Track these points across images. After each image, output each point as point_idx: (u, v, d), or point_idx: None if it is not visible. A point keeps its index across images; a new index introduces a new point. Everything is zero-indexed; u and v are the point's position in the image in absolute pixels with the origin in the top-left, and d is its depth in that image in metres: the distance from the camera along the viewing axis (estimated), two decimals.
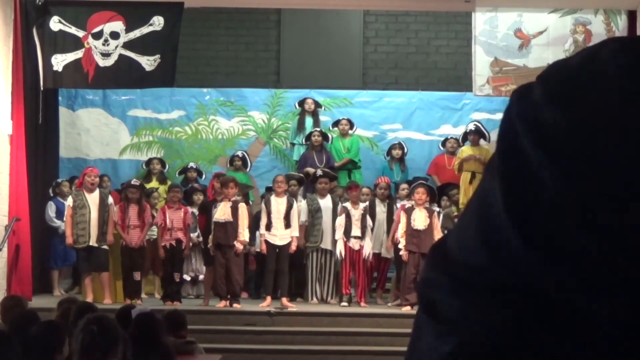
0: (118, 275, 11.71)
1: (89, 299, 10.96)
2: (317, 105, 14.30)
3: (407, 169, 13.88)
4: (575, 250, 0.62)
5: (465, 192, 11.87)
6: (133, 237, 11.43)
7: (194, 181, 13.58)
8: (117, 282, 11.72)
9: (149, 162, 14.06)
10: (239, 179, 12.15)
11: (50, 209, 12.63)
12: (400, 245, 11.16)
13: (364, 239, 11.43)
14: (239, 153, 14.20)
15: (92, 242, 11.32)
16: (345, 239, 11.42)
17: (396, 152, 13.81)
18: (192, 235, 12.18)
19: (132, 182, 12.25)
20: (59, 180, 13.29)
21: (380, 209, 11.84)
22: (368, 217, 11.50)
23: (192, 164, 14.03)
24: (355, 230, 11.44)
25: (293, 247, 11.51)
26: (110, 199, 11.59)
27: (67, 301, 7.48)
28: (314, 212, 12.00)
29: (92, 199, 11.42)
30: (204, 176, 14.01)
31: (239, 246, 11.06)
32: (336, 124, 14.08)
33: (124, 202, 11.64)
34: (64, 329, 5.22)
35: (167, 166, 14.12)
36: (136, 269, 11.45)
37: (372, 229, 11.56)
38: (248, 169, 13.98)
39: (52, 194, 12.90)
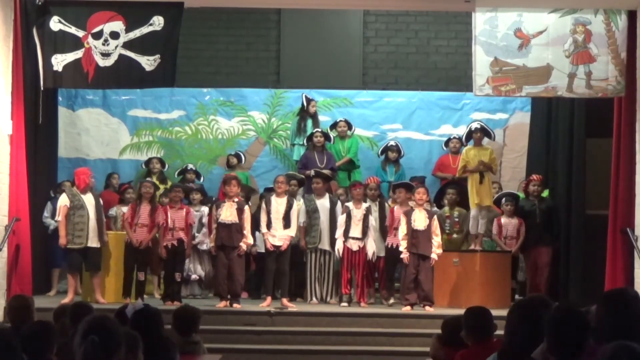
0: (112, 274, 11.66)
1: (70, 297, 11.07)
2: (311, 101, 14.21)
3: (402, 169, 13.87)
4: None
5: (477, 193, 11.82)
6: (139, 236, 11.36)
7: (193, 182, 13.61)
8: (111, 280, 11.68)
9: (148, 161, 14.08)
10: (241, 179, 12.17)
11: (47, 209, 12.65)
12: (402, 248, 11.14)
13: (364, 240, 11.41)
14: (232, 152, 14.25)
15: (90, 243, 11.30)
16: (343, 239, 11.41)
17: (392, 155, 13.81)
18: (197, 234, 12.20)
19: (147, 179, 12.34)
20: (60, 181, 13.30)
21: (372, 209, 11.82)
22: (371, 217, 11.48)
23: (190, 166, 14.05)
24: (355, 231, 11.42)
25: (284, 245, 11.42)
26: (100, 201, 11.58)
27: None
28: (312, 213, 12.00)
29: (88, 199, 11.40)
30: (202, 178, 14.03)
31: (243, 247, 11.06)
32: (334, 126, 14.07)
33: (136, 200, 11.60)
34: (54, 329, 5.21)
35: (166, 166, 14.13)
36: (141, 269, 11.41)
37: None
38: (242, 162, 13.99)
39: (53, 195, 12.90)
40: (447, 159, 13.87)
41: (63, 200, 11.40)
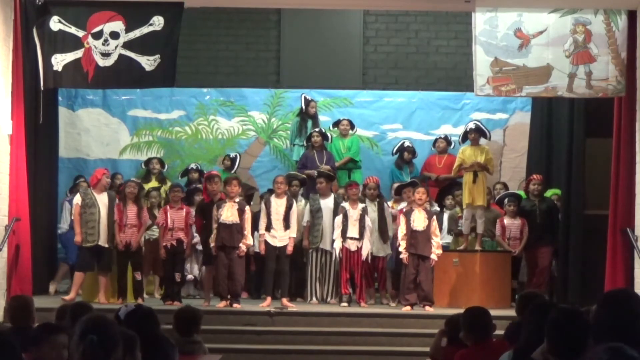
0: (114, 275, 11.65)
1: (72, 295, 11.11)
2: (310, 102, 14.21)
3: (416, 169, 13.93)
4: None
5: (469, 192, 11.80)
6: (129, 237, 11.36)
7: (197, 182, 13.56)
8: (114, 282, 11.68)
9: (148, 161, 14.07)
10: None
11: (64, 208, 12.67)
12: (401, 248, 11.14)
13: (361, 239, 11.40)
14: (232, 154, 14.19)
15: (102, 242, 11.31)
16: (342, 239, 11.40)
17: (408, 156, 13.87)
18: (194, 234, 12.18)
19: (131, 179, 12.30)
20: (78, 181, 13.30)
21: (372, 209, 11.81)
22: (367, 218, 11.48)
23: (193, 165, 14.03)
24: (352, 231, 11.41)
25: (289, 248, 11.46)
26: (117, 201, 11.59)
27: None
28: (314, 212, 11.99)
29: (102, 199, 11.43)
30: None
31: (243, 248, 11.05)
32: (336, 124, 14.08)
33: (121, 202, 11.57)
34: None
35: (166, 166, 14.12)
36: (136, 269, 11.43)
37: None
38: (233, 171, 13.83)
39: (68, 195, 12.94)
40: (434, 159, 13.93)
41: (76, 199, 11.55)
